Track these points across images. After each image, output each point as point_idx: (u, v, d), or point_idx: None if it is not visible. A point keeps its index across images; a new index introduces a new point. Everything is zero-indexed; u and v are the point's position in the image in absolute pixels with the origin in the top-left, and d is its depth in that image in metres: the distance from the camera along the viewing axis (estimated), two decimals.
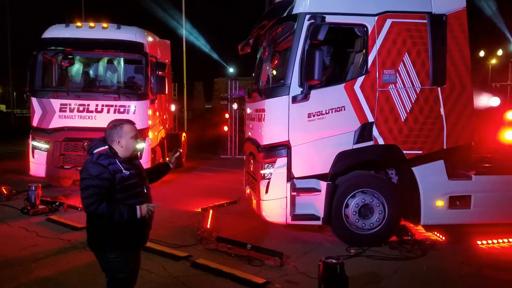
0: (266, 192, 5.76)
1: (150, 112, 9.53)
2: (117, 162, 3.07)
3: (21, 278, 4.76)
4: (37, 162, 8.99)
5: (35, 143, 9.05)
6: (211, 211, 7.22)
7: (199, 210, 7.80)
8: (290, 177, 5.69)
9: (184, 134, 14.34)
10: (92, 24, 9.44)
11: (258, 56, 7.36)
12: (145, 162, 9.34)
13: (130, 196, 3.09)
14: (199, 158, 16.00)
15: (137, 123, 8.92)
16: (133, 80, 10.36)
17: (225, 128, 17.24)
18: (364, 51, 5.86)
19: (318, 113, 5.63)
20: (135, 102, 9.18)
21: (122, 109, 9.12)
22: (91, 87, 9.92)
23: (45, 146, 8.96)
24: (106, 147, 3.11)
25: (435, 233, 6.29)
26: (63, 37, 9.29)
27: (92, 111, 9.01)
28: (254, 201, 6.30)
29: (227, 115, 17.12)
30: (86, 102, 9.00)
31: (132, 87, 9.93)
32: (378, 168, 6.31)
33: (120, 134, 3.12)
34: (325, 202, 5.69)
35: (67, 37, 9.29)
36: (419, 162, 5.91)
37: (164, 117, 11.65)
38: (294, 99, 5.56)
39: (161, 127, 11.08)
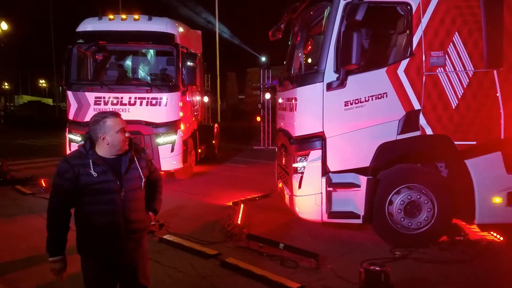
0: (299, 187, 5.35)
1: (181, 103, 9.32)
2: (90, 162, 2.68)
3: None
4: None
5: (72, 136, 9.08)
6: (242, 205, 6.90)
7: (230, 204, 7.53)
8: (325, 171, 5.25)
9: (216, 125, 14.11)
10: (124, 16, 9.33)
11: (289, 42, 6.92)
12: (177, 155, 9.19)
13: (98, 202, 2.71)
14: (232, 149, 15.78)
15: (169, 115, 8.96)
16: (164, 71, 10.18)
17: (258, 119, 16.91)
18: (407, 32, 5.29)
19: (357, 101, 5.14)
20: (166, 94, 8.99)
21: (154, 101, 8.96)
22: (124, 80, 9.82)
23: (81, 139, 8.96)
24: (82, 142, 2.80)
25: (492, 233, 5.65)
26: (96, 30, 9.24)
27: (125, 104, 8.91)
28: (287, 196, 5.91)
29: (259, 105, 16.76)
30: (119, 95, 8.90)
31: (164, 79, 9.76)
32: (425, 160, 5.74)
33: (104, 130, 2.72)
34: (365, 199, 5.21)
35: (100, 30, 9.23)
36: (473, 154, 5.28)
37: (196, 108, 11.43)
38: (329, 86, 5.09)
39: (193, 119, 10.88)
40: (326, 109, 5.15)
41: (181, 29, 9.81)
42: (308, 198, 5.29)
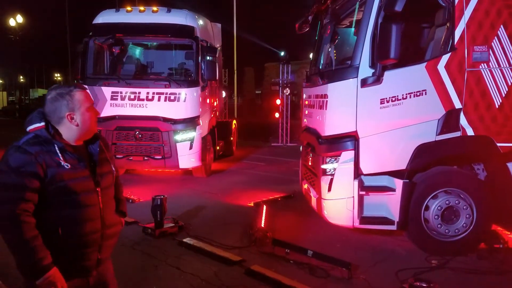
0: (329, 190, 5.03)
1: (200, 99, 9.04)
2: (56, 149, 2.09)
3: None
4: None
5: None
6: (264, 207, 6.61)
7: (252, 204, 7.25)
8: (357, 173, 4.91)
9: (234, 121, 13.84)
10: (142, 8, 9.07)
11: (317, 35, 6.57)
12: (195, 152, 8.93)
13: (70, 205, 2.10)
14: (250, 146, 15.49)
15: (188, 111, 8.63)
16: (183, 66, 9.93)
17: (276, 115, 16.55)
18: (448, 24, 4.90)
19: (393, 99, 4.78)
20: (185, 89, 8.73)
21: (172, 97, 8.71)
22: (142, 74, 9.60)
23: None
24: (42, 124, 2.13)
25: None
26: (113, 22, 8.99)
27: (143, 99, 8.67)
28: (314, 199, 5.59)
29: (278, 101, 16.39)
30: (137, 90, 8.66)
31: (183, 74, 9.49)
32: (461, 162, 5.37)
33: (72, 106, 2.15)
34: (400, 204, 4.86)
35: (117, 22, 8.98)
36: None
37: (215, 104, 11.16)
38: (364, 82, 4.74)
39: (212, 115, 10.60)
40: (360, 107, 4.81)
41: (201, 22, 9.52)
42: (338, 202, 4.97)
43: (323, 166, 5.15)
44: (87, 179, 2.17)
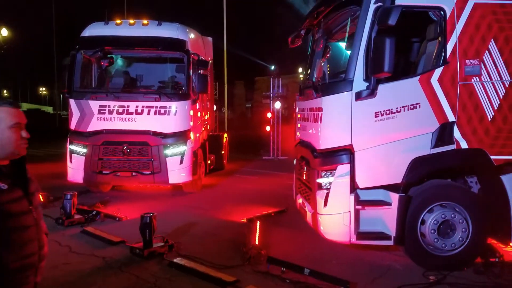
0: (325, 205, 4.94)
1: (191, 112, 8.94)
2: None
3: None
4: (75, 167, 8.61)
5: (73, 147, 8.68)
6: (258, 223, 6.47)
7: (244, 220, 7.10)
8: (353, 187, 4.85)
9: (225, 135, 13.75)
10: (131, 21, 8.99)
11: (309, 48, 6.56)
12: (186, 167, 8.79)
13: (8, 228, 1.94)
14: (241, 159, 15.37)
15: (178, 125, 8.46)
16: (174, 79, 9.85)
17: (267, 128, 16.51)
18: (440, 38, 4.93)
19: (388, 112, 4.75)
20: (176, 103, 8.62)
21: (163, 110, 8.58)
22: (131, 88, 9.47)
23: (83, 150, 8.57)
24: None
25: None
26: (102, 35, 8.87)
27: (132, 113, 8.53)
28: (309, 214, 5.50)
29: (269, 114, 16.37)
30: (126, 104, 8.53)
31: (173, 87, 9.40)
32: (454, 175, 5.35)
33: None
34: (397, 218, 4.80)
35: (106, 35, 8.86)
36: (510, 170, 4.90)
37: (206, 117, 11.06)
38: (358, 96, 4.72)
39: (203, 128, 10.50)
40: (355, 120, 4.77)
41: (192, 35, 9.48)
42: (335, 217, 4.88)
43: (319, 180, 5.08)
44: (21, 199, 2.05)
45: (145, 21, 8.95)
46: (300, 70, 29.25)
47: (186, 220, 7.20)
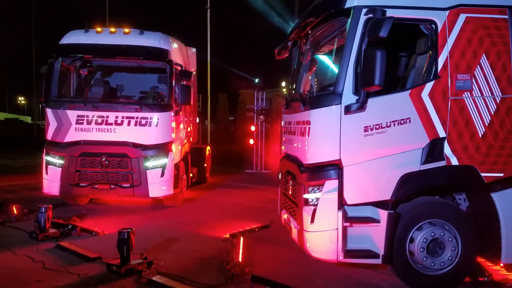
0: (312, 221, 4.75)
1: (173, 124, 8.69)
2: None
3: None
4: (51, 179, 8.23)
5: (49, 158, 8.30)
6: (241, 239, 6.24)
7: (227, 236, 6.85)
8: (341, 204, 4.67)
9: (208, 147, 13.49)
10: (113, 29, 8.74)
11: (296, 60, 6.44)
12: (167, 180, 8.51)
13: None
14: (223, 172, 15.11)
15: (160, 137, 8.13)
16: (156, 89, 9.61)
17: (251, 141, 16.32)
18: (431, 52, 4.86)
19: (377, 126, 4.62)
20: (158, 114, 8.36)
21: (143, 121, 8.31)
22: (110, 98, 9.19)
23: (59, 161, 8.21)
24: None
25: None
26: (82, 43, 8.59)
27: (111, 124, 8.23)
28: (294, 230, 5.29)
29: (253, 128, 16.20)
30: (105, 114, 8.23)
31: (155, 98, 9.14)
32: (443, 192, 5.24)
33: None
34: (386, 236, 4.63)
35: (86, 43, 8.58)
36: (500, 187, 4.81)
37: (189, 129, 10.81)
38: (348, 109, 4.57)
39: (185, 141, 10.24)
40: (344, 134, 4.61)
41: (175, 45, 9.28)
42: (322, 235, 4.69)
43: (305, 196, 4.89)
44: None
45: (126, 30, 8.72)
46: (283, 84, 29.41)
47: (166, 235, 6.90)
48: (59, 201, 8.88)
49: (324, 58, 6.00)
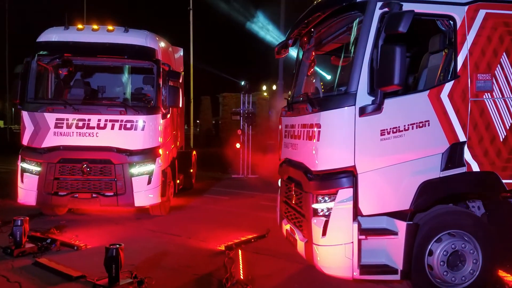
0: (323, 234, 4.31)
1: (161, 128, 8.15)
2: None
3: None
4: (27, 188, 7.55)
5: (25, 165, 7.63)
6: (240, 252, 5.78)
7: (222, 248, 6.37)
8: (356, 214, 4.26)
9: (194, 152, 12.95)
10: (95, 27, 8.14)
11: (297, 60, 6.02)
12: (155, 187, 7.95)
13: None
14: (209, 178, 14.60)
15: (146, 141, 7.38)
16: (141, 91, 9.04)
17: (237, 145, 15.86)
18: (446, 50, 4.53)
19: (395, 130, 4.24)
20: (144, 117, 7.80)
21: (129, 125, 7.74)
22: (92, 99, 8.58)
23: (36, 168, 7.55)
24: None
25: None
26: (61, 41, 7.95)
27: (93, 127, 7.63)
28: (301, 243, 4.85)
29: (239, 131, 15.74)
30: (86, 117, 7.62)
31: (141, 99, 8.57)
32: (456, 200, 4.91)
33: None
34: (405, 249, 4.24)
35: (66, 41, 7.95)
36: None
37: (175, 133, 10.26)
38: (363, 111, 4.17)
39: (173, 145, 9.68)
40: (359, 138, 4.21)
41: (162, 44, 8.74)
42: (335, 249, 4.26)
43: (315, 206, 4.46)
44: None
45: (110, 27, 8.14)
46: (264, 88, 29.03)
47: (155, 248, 6.36)
48: (35, 211, 8.23)
49: (327, 57, 5.60)
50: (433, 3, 4.38)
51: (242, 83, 16.39)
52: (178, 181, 10.22)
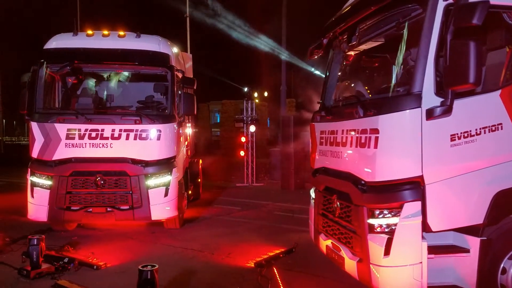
0: (387, 254, 3.85)
1: (176, 137, 7.67)
2: None
3: None
4: (38, 203, 7.01)
5: (35, 179, 7.09)
6: (275, 271, 5.29)
7: (252, 265, 5.89)
8: (424, 231, 3.81)
9: (200, 161, 12.43)
10: (105, 32, 7.65)
11: (331, 62, 5.60)
12: (172, 200, 7.48)
13: None
14: (213, 187, 14.08)
15: (163, 151, 6.55)
16: (152, 98, 8.54)
17: (242, 153, 15.40)
18: (511, 46, 4.13)
19: (466, 134, 3.81)
20: (160, 126, 7.31)
21: (144, 135, 7.25)
22: (105, 109, 8.09)
23: (47, 182, 7.02)
24: None
25: None
26: (71, 48, 7.46)
27: (107, 138, 7.12)
28: (350, 262, 4.39)
29: (243, 139, 15.29)
30: (100, 127, 7.12)
31: (156, 108, 8.08)
32: None
33: None
34: (478, 268, 3.80)
35: (76, 48, 7.46)
36: None
37: (186, 143, 9.77)
38: (431, 114, 3.73)
39: (185, 155, 9.19)
40: (426, 144, 3.77)
41: (175, 50, 8.29)
42: (402, 270, 3.79)
43: (372, 221, 4.01)
44: None
45: (121, 32, 7.68)
46: (256, 94, 28.55)
47: (180, 266, 5.86)
48: (43, 226, 7.67)
49: (378, 55, 5.19)
50: None
51: (245, 89, 15.99)
52: (190, 192, 9.72)
